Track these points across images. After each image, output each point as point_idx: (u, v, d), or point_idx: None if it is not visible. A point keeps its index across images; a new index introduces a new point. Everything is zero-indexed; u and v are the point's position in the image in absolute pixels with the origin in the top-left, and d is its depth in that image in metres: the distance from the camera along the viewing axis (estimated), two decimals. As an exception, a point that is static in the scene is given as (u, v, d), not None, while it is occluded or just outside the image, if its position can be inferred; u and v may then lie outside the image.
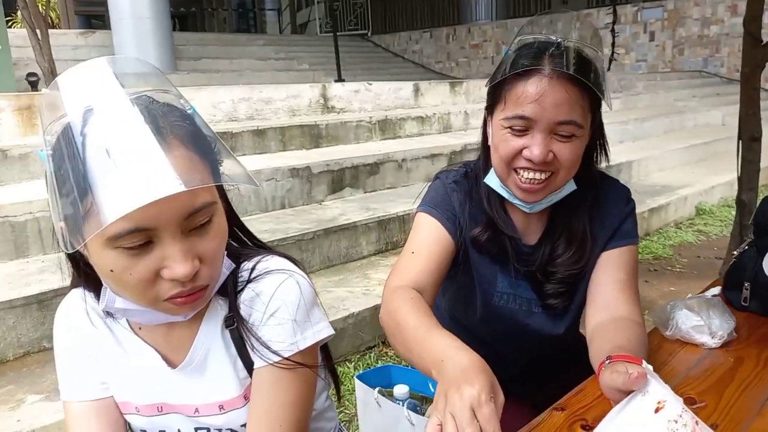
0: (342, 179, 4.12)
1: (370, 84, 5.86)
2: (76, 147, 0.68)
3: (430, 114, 5.63)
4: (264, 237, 3.05)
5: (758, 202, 1.40)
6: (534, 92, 1.04)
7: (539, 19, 1.14)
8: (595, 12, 11.54)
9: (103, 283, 0.81)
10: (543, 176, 1.09)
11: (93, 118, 0.69)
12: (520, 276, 1.25)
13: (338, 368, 2.57)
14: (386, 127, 5.22)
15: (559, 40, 1.07)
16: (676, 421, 0.72)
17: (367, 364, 2.63)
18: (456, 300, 1.36)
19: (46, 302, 2.36)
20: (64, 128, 0.71)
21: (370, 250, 3.52)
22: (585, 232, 1.20)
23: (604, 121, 1.21)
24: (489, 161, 1.19)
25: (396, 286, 1.11)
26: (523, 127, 1.07)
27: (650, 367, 0.83)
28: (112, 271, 0.73)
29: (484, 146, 1.21)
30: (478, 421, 0.72)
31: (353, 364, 2.62)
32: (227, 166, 0.77)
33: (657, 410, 0.74)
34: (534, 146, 1.06)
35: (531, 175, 1.09)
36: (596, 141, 1.20)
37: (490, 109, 1.16)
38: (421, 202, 1.26)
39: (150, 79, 0.78)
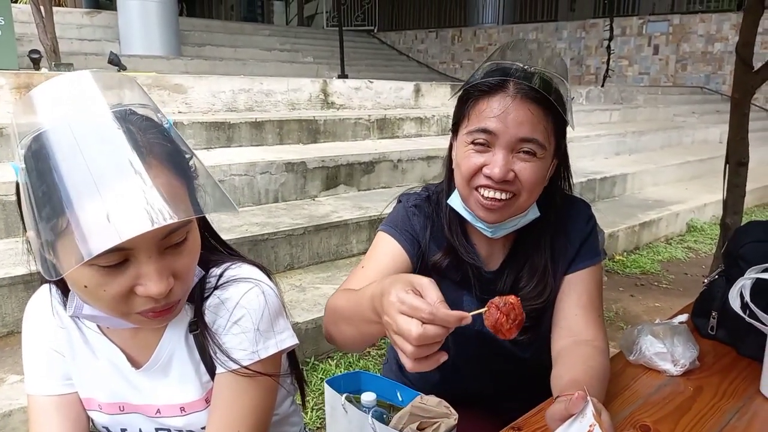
0: (337, 176, 4.14)
1: (372, 82, 5.87)
2: (55, 166, 0.66)
3: (429, 115, 5.65)
4: (255, 230, 3.12)
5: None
6: (497, 107, 1.06)
7: (506, 48, 1.15)
8: (601, 22, 11.55)
9: (72, 291, 0.81)
10: (504, 196, 1.09)
11: (75, 135, 0.67)
12: (485, 300, 1.26)
13: (321, 365, 2.60)
14: (384, 126, 5.24)
15: (525, 66, 1.08)
16: None
17: (350, 362, 2.66)
18: None
19: (32, 283, 2.33)
20: (42, 143, 0.68)
21: (360, 248, 3.53)
22: (547, 264, 1.20)
23: (602, 132, 1.25)
24: (452, 183, 1.19)
25: (335, 294, 1.12)
26: (485, 141, 1.08)
27: (594, 400, 0.87)
28: (86, 286, 0.74)
29: (449, 168, 1.22)
30: (413, 317, 0.73)
31: (335, 361, 2.65)
32: (203, 183, 0.76)
33: None
34: (494, 163, 1.06)
35: (491, 194, 1.09)
36: (560, 169, 1.22)
37: (455, 127, 1.17)
38: (382, 223, 1.27)
39: (129, 94, 0.77)
